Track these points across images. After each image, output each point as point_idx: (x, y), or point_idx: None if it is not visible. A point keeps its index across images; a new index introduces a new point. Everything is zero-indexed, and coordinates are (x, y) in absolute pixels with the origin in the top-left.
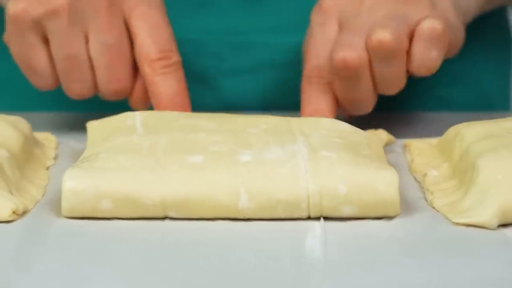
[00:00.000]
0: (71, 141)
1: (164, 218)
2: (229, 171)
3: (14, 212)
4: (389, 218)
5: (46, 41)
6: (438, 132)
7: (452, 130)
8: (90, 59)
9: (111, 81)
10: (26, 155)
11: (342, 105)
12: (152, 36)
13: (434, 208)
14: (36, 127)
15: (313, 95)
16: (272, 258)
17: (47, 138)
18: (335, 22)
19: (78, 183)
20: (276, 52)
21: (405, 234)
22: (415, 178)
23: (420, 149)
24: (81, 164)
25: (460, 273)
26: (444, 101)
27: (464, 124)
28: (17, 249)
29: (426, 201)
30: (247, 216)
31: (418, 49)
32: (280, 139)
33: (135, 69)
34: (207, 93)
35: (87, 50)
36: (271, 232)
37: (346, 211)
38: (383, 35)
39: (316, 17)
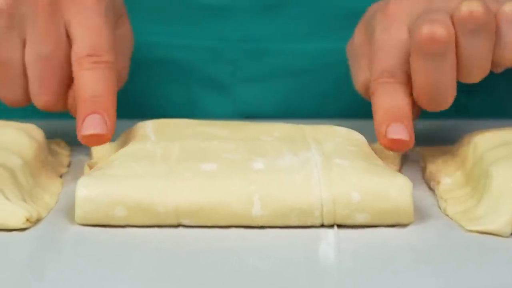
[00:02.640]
0: (84, 149)
1: (177, 225)
2: (243, 179)
3: (27, 220)
4: (403, 225)
5: None
6: (453, 139)
7: (466, 138)
8: (24, 66)
9: (40, 93)
10: (40, 162)
11: (419, 98)
12: (87, 39)
13: (447, 215)
14: (49, 134)
15: (387, 93)
16: (285, 265)
17: (61, 146)
18: (403, 26)
19: (91, 191)
20: (292, 59)
21: (419, 241)
22: (428, 186)
23: (433, 156)
24: (94, 172)
25: (474, 280)
26: (461, 108)
27: (478, 131)
28: (31, 256)
29: (440, 208)
30: (260, 224)
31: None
32: (294, 146)
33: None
34: (223, 100)
35: (23, 56)
36: (285, 240)
37: (360, 219)
38: (475, 6)
39: (381, 21)
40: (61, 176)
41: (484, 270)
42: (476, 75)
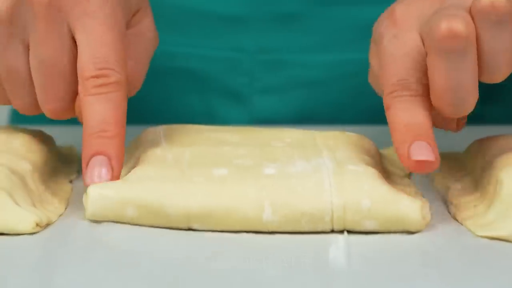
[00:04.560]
0: None
1: (187, 229)
2: (254, 184)
3: (37, 225)
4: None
5: None
6: (464, 145)
7: (476, 143)
8: (30, 73)
9: (46, 101)
10: (49, 168)
11: (438, 103)
12: (92, 51)
13: (457, 221)
14: (59, 140)
15: (405, 110)
16: (296, 270)
17: (70, 152)
18: (414, 31)
19: (103, 188)
20: (308, 70)
21: (428, 246)
22: (438, 191)
23: (443, 161)
24: None
25: (483, 285)
26: (476, 115)
27: (488, 137)
28: (40, 261)
29: (449, 214)
30: (271, 229)
31: None
32: (305, 152)
33: None
34: (239, 110)
35: (28, 63)
36: (295, 244)
37: (369, 226)
38: None
39: (388, 29)
40: (71, 182)
41: (493, 275)
42: (500, 73)
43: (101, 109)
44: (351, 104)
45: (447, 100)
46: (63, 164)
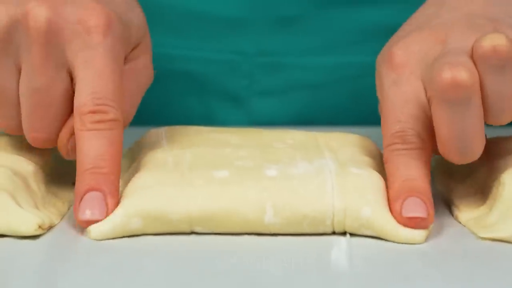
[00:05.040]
0: None
1: (190, 233)
2: (255, 186)
3: (40, 227)
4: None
5: None
6: None
7: None
8: (19, 97)
9: (31, 129)
10: (52, 170)
11: (444, 151)
12: (91, 87)
13: (459, 222)
14: None
15: (401, 164)
16: (298, 271)
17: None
18: (414, 77)
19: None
20: (308, 73)
21: (430, 247)
22: (440, 192)
23: (445, 163)
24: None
25: (485, 287)
26: None
27: (490, 139)
28: (43, 264)
29: (452, 215)
30: (272, 231)
31: None
32: (307, 154)
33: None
34: (238, 112)
35: (18, 87)
36: (297, 246)
37: (368, 233)
38: (497, 40)
39: (387, 74)
40: (73, 183)
41: (495, 277)
42: (505, 117)
43: (97, 145)
44: (351, 107)
45: (453, 148)
46: (65, 166)
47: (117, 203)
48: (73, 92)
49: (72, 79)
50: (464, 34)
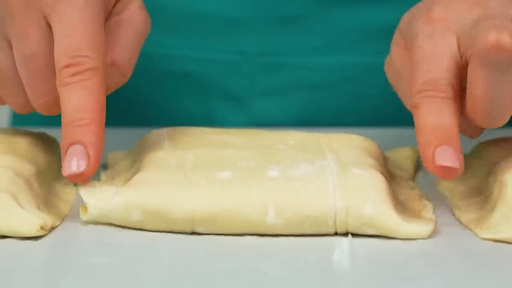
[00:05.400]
0: None
1: (191, 233)
2: (258, 187)
3: (41, 228)
4: None
5: None
6: (470, 147)
7: (480, 146)
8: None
9: (35, 96)
10: (54, 170)
11: (474, 112)
12: (64, 41)
13: (461, 223)
14: None
15: (433, 111)
16: (300, 272)
17: None
18: (450, 33)
19: (108, 191)
20: (309, 73)
21: (432, 248)
22: (442, 193)
23: None
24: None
25: (487, 287)
26: None
27: (492, 139)
28: (45, 265)
29: (453, 216)
30: (274, 232)
31: None
32: (309, 155)
33: None
34: (239, 113)
35: (14, 61)
36: (299, 247)
37: (370, 232)
38: None
39: (424, 28)
40: (75, 184)
41: (497, 278)
42: None
43: (76, 98)
44: (352, 107)
45: (485, 110)
46: None
47: (99, 155)
48: None
49: None
50: (504, 3)
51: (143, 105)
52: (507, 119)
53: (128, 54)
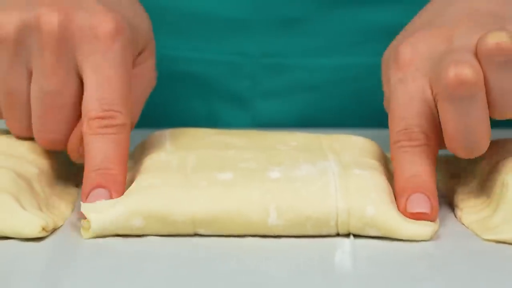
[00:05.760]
0: None
1: (193, 235)
2: (259, 188)
3: (43, 229)
4: None
5: None
6: None
7: None
8: (29, 100)
9: (41, 130)
10: (56, 172)
11: (451, 146)
12: (99, 92)
13: (463, 224)
14: None
15: (407, 161)
16: (302, 273)
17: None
18: (419, 75)
19: (108, 204)
20: (311, 74)
21: (434, 249)
22: (444, 194)
23: (449, 165)
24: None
25: None
26: None
27: (494, 140)
28: (46, 266)
29: (456, 217)
30: (276, 233)
31: None
32: (311, 156)
33: (77, 122)
34: (242, 114)
35: (29, 89)
36: (301, 248)
37: (372, 232)
38: (501, 37)
39: (394, 73)
40: (77, 186)
41: (499, 279)
42: (511, 111)
43: (104, 148)
44: (354, 108)
45: (460, 143)
46: (69, 168)
47: None
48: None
49: (82, 83)
50: (469, 31)
51: (145, 107)
52: (485, 147)
53: (137, 108)
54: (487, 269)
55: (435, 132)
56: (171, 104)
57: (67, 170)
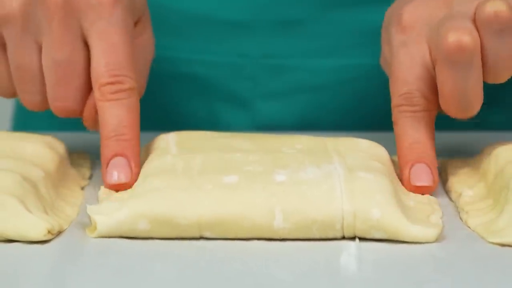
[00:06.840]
0: None
1: (199, 238)
2: (264, 191)
3: (49, 232)
4: None
5: (4, 47)
6: (474, 151)
7: (487, 150)
8: (42, 71)
9: (56, 99)
10: (61, 175)
11: (447, 107)
12: (106, 58)
13: (469, 227)
14: (71, 147)
15: (408, 126)
16: (307, 276)
17: (82, 158)
18: (421, 38)
19: (113, 207)
20: (312, 75)
21: (440, 252)
22: (450, 197)
23: (454, 168)
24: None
25: None
26: (481, 121)
27: (500, 143)
28: (52, 269)
29: (461, 220)
30: (282, 236)
31: None
32: (316, 159)
33: (91, 88)
34: (243, 115)
35: (40, 61)
36: (306, 251)
37: (378, 235)
38: (499, 6)
39: (397, 37)
40: (82, 188)
41: (505, 282)
42: (503, 75)
43: (117, 114)
44: (355, 110)
45: (455, 105)
46: (75, 171)
47: (139, 168)
48: None
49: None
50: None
51: (147, 108)
52: (477, 109)
53: (142, 77)
54: (492, 272)
55: (435, 96)
56: (172, 105)
57: (73, 172)
